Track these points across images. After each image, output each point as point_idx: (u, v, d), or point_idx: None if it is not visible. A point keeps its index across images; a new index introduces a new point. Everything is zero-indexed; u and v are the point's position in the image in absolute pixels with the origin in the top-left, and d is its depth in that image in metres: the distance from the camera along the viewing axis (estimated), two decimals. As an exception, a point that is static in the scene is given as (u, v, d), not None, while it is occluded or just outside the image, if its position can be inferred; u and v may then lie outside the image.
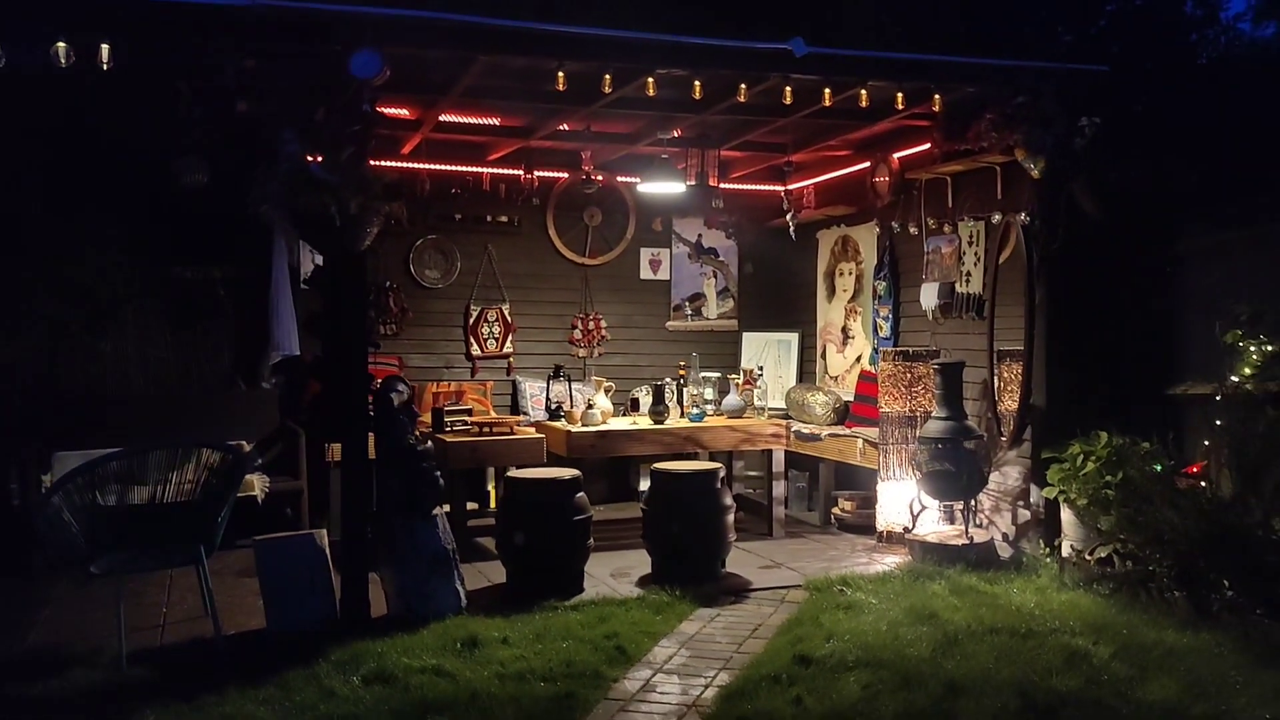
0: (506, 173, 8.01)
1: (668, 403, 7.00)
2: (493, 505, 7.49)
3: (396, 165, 7.59)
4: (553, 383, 7.50)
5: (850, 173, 7.97)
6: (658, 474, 6.03)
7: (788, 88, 5.88)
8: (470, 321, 8.28)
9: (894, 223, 7.60)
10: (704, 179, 7.51)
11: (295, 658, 4.47)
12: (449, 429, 6.70)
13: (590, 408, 6.90)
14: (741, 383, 7.47)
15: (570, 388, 7.50)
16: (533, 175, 7.94)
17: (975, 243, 6.89)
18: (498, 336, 8.35)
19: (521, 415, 7.86)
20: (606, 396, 7.11)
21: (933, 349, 6.87)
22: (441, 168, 7.87)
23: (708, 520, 5.88)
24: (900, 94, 6.03)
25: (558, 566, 5.64)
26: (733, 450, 7.47)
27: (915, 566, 5.96)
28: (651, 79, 5.62)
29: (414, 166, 7.68)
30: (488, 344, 8.32)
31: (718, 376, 7.48)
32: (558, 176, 8.28)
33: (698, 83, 5.75)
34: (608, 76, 5.59)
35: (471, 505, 7.26)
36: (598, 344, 8.63)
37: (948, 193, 7.14)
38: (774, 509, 7.21)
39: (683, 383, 7.23)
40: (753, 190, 8.75)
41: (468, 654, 4.55)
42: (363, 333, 5.05)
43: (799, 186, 8.54)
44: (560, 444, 6.67)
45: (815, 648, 4.55)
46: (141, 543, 4.68)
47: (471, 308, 8.28)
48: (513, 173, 7.98)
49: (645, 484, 6.95)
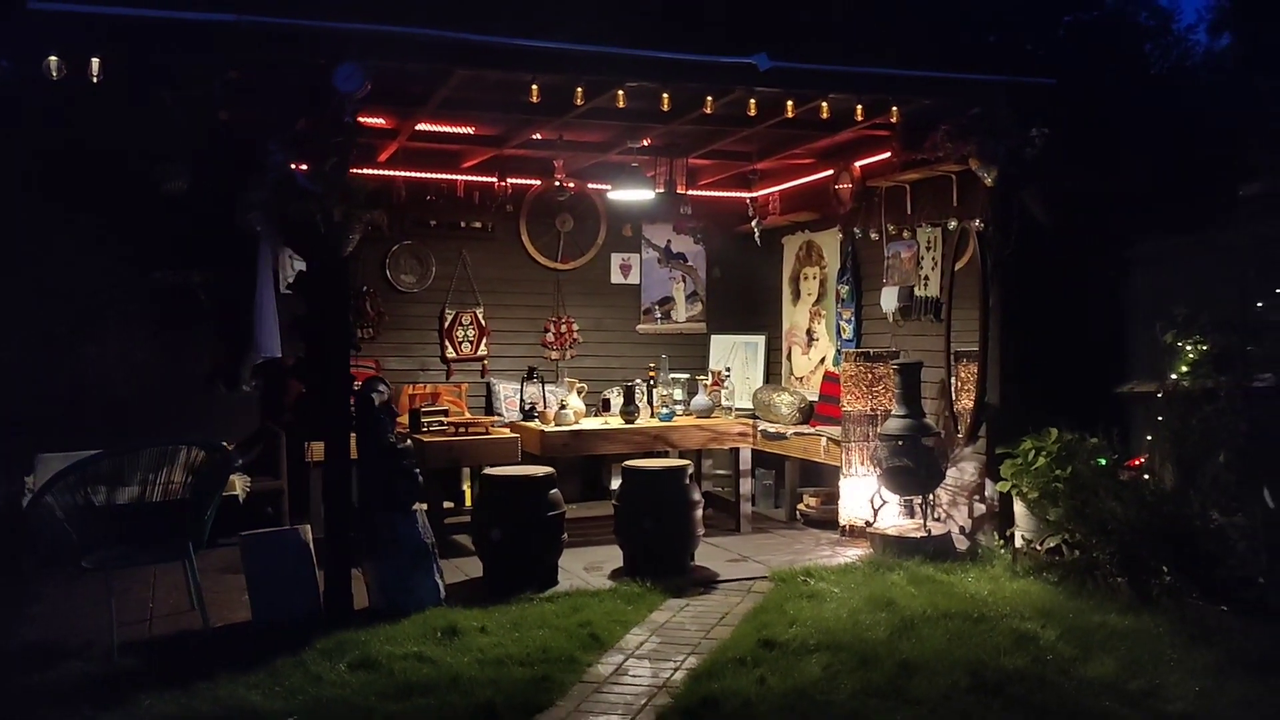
0: (481, 180, 8.23)
1: (638, 403, 7.23)
2: (468, 504, 7.69)
3: (373, 173, 7.76)
4: (526, 384, 7.72)
5: (814, 180, 8.24)
6: (629, 471, 6.25)
7: (752, 100, 6.13)
8: (445, 325, 8.47)
9: (856, 228, 7.88)
10: (672, 186, 7.77)
11: (282, 647, 4.67)
12: (426, 429, 6.89)
13: (563, 408, 7.11)
14: (710, 384, 7.72)
15: (543, 389, 7.71)
16: (506, 182, 8.16)
17: (933, 248, 7.18)
18: (472, 340, 8.55)
19: (495, 416, 8.06)
20: (579, 397, 7.33)
21: (893, 350, 7.13)
22: (417, 175, 8.07)
23: (677, 515, 6.11)
24: (860, 106, 6.31)
25: (533, 560, 5.86)
26: (701, 449, 7.71)
27: (876, 558, 6.22)
28: (622, 91, 5.86)
29: (390, 174, 7.88)
30: (462, 347, 8.52)
31: (686, 378, 7.72)
32: (531, 183, 8.50)
33: (666, 95, 5.98)
34: (580, 89, 5.83)
35: (448, 504, 7.46)
36: (570, 346, 8.84)
37: (907, 200, 7.42)
38: (741, 505, 7.45)
39: (653, 384, 7.46)
40: (720, 197, 9.01)
41: (448, 642, 4.76)
42: (346, 336, 5.25)
43: (764, 193, 8.81)
44: (534, 443, 6.88)
45: (779, 633, 4.80)
46: (132, 539, 4.85)
47: (446, 312, 8.48)
48: (487, 180, 8.19)
49: (616, 483, 7.16)
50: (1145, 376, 5.96)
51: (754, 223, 8.70)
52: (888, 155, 7.23)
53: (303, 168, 5.21)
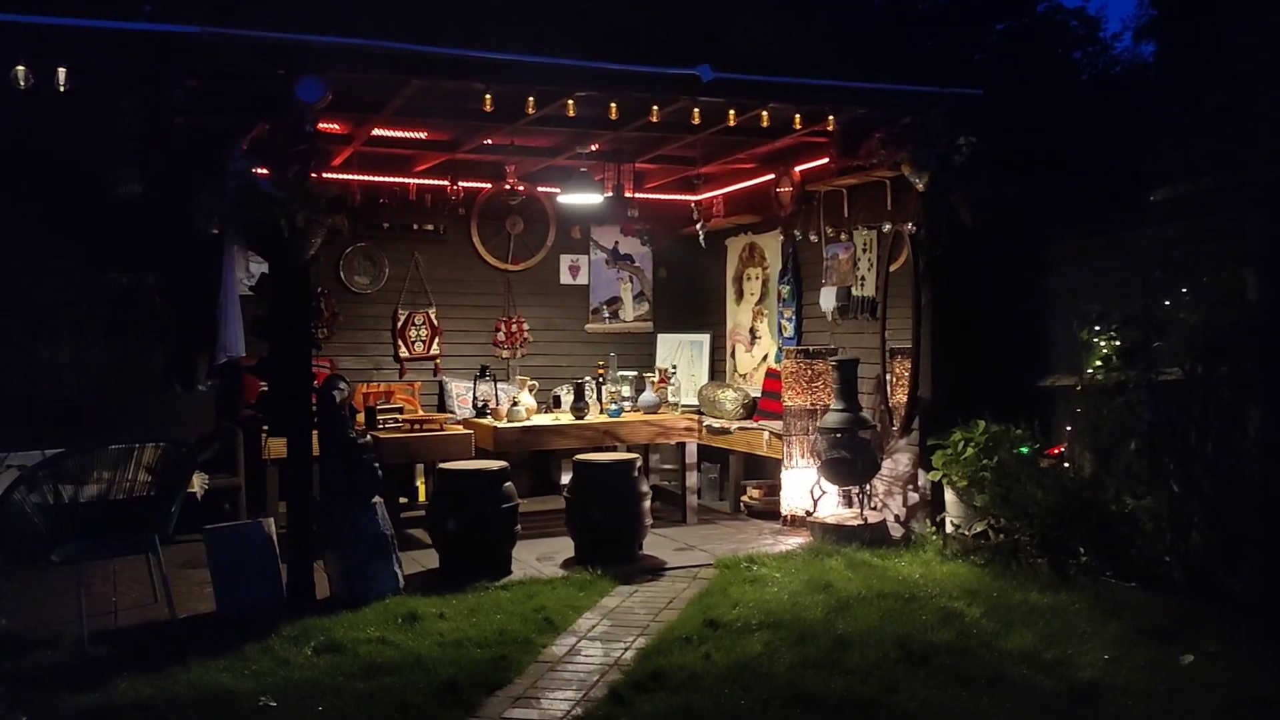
0: (433, 183, 8.42)
1: (588, 400, 7.48)
2: (422, 499, 7.89)
3: (328, 177, 7.91)
4: (479, 382, 7.93)
5: (756, 184, 8.54)
6: (580, 464, 6.50)
7: (696, 109, 6.42)
8: (398, 325, 8.66)
9: (796, 231, 8.20)
10: (620, 190, 8.03)
11: (249, 634, 4.85)
12: (382, 426, 7.08)
13: (515, 405, 7.33)
14: (657, 381, 7.99)
15: (496, 387, 7.93)
16: (458, 186, 8.37)
17: (869, 250, 7.52)
18: (425, 339, 8.74)
19: (448, 414, 8.26)
20: (530, 394, 7.56)
21: (831, 348, 7.45)
22: (371, 179, 8.25)
23: (626, 506, 6.38)
24: (798, 115, 6.61)
25: (488, 551, 6.09)
26: (649, 443, 7.97)
27: (816, 545, 6.54)
28: (571, 100, 6.13)
29: (345, 178, 8.05)
30: (415, 346, 8.70)
31: (634, 375, 8.00)
32: (482, 187, 8.72)
33: (614, 104, 6.26)
34: (531, 98, 6.08)
35: (403, 500, 7.66)
36: (520, 345, 9.06)
37: (844, 204, 7.76)
38: (687, 498, 7.74)
39: (602, 381, 7.70)
40: (666, 200, 9.30)
41: (409, 627, 4.98)
42: (308, 335, 5.44)
43: (708, 197, 9.11)
44: (488, 439, 7.10)
45: (723, 614, 5.10)
46: (100, 533, 5.00)
47: (400, 312, 8.66)
48: (439, 183, 8.38)
49: (567, 478, 7.39)
50: (1065, 371, 6.32)
51: (699, 225, 9.01)
52: (826, 161, 7.55)
53: (263, 173, 5.38)
